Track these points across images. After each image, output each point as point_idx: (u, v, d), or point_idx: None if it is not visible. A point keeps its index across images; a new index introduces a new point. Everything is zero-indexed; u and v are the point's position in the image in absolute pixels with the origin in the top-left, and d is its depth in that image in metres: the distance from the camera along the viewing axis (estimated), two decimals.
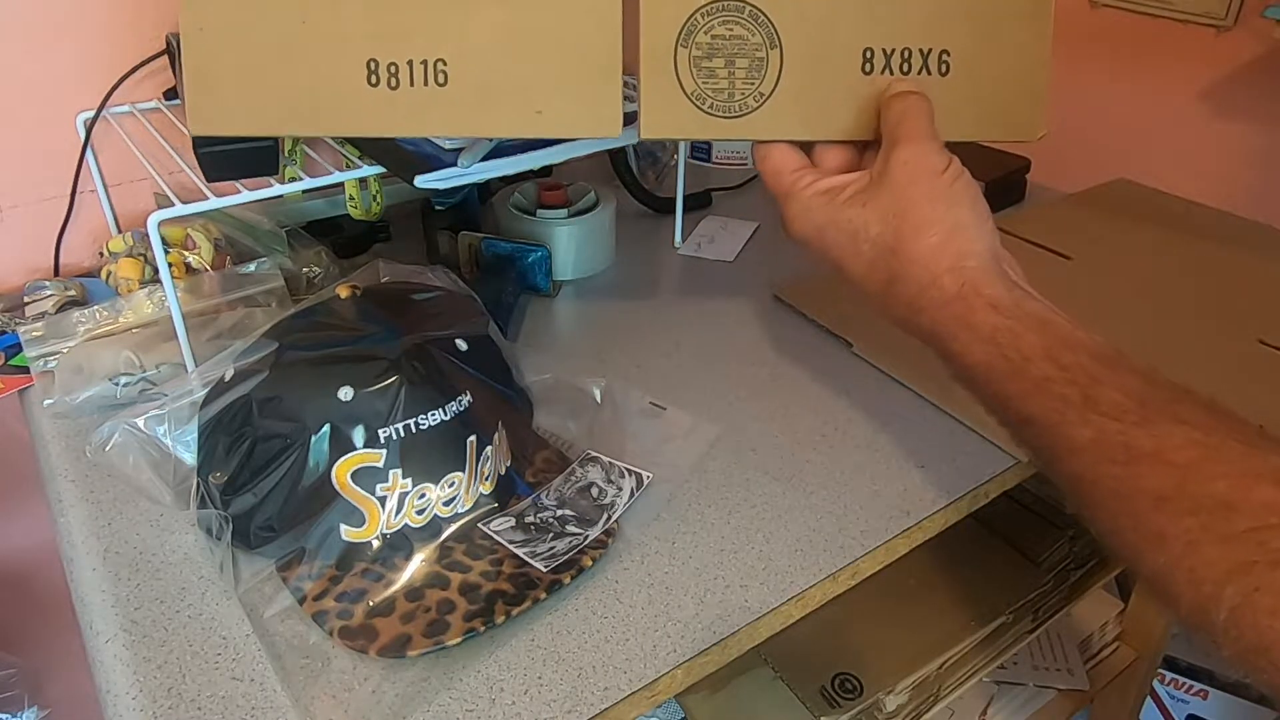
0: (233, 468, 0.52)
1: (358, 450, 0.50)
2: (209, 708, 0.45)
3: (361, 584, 0.50)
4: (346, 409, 0.50)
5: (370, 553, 0.51)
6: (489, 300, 0.74)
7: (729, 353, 0.73)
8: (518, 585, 0.50)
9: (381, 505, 0.51)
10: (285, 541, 0.51)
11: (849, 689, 0.73)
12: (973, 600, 0.79)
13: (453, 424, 0.52)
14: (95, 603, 0.51)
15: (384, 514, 0.51)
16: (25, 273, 0.81)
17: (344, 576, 0.50)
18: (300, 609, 0.49)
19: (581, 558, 0.52)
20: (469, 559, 0.51)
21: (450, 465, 0.52)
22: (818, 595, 0.53)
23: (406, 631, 0.47)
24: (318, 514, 0.50)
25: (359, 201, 0.77)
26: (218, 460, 0.53)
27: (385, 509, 0.51)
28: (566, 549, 0.52)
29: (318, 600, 0.49)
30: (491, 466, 0.54)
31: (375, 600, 0.49)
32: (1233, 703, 1.15)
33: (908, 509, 0.57)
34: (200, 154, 0.63)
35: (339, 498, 0.50)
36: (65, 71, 0.77)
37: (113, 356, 0.65)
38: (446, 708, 0.45)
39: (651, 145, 1.01)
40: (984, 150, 0.99)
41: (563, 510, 0.54)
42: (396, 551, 0.51)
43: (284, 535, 0.51)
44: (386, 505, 0.51)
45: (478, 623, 0.47)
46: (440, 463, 0.52)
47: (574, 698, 0.45)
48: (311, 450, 0.50)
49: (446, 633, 0.47)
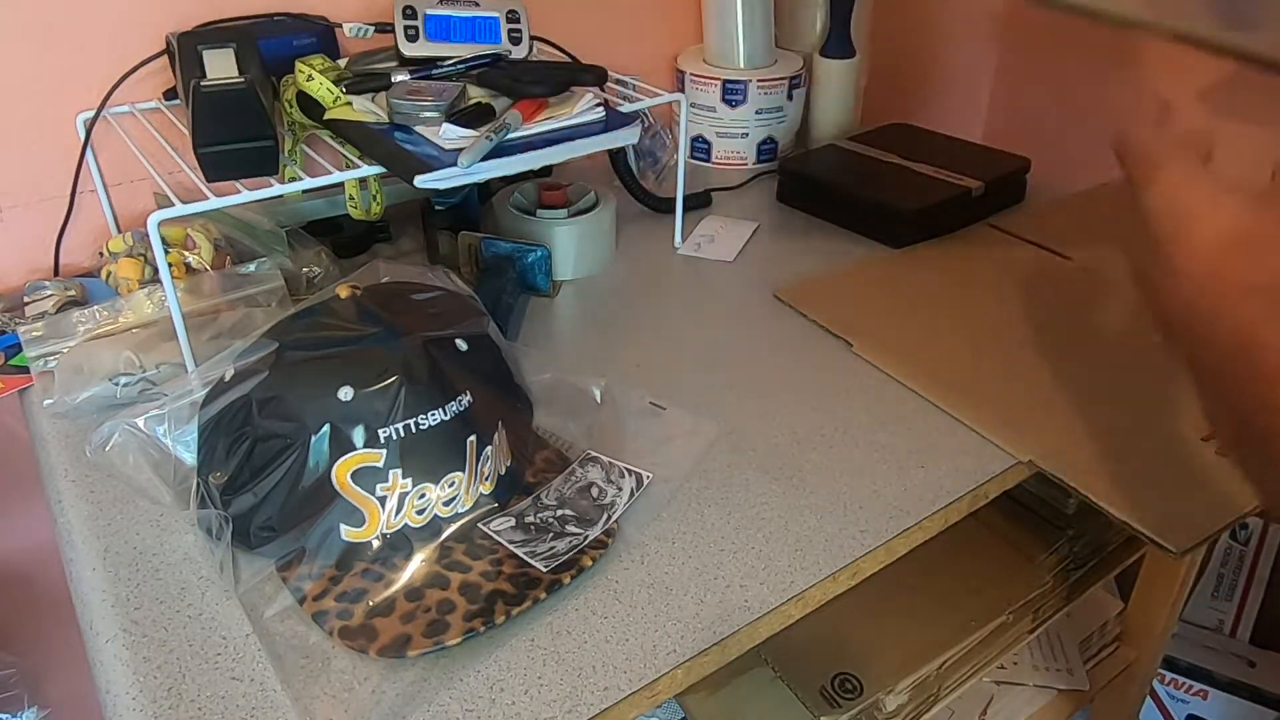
0: (233, 468, 0.52)
1: (358, 450, 0.50)
2: (209, 708, 0.45)
3: (361, 584, 0.50)
4: (346, 409, 0.50)
5: (370, 553, 0.51)
6: (489, 300, 0.74)
7: (729, 353, 0.73)
8: (518, 585, 0.50)
9: (381, 505, 0.51)
10: (285, 541, 0.51)
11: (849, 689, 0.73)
12: (973, 600, 0.79)
13: (453, 424, 0.52)
14: (95, 603, 0.51)
15: (384, 514, 0.51)
16: (25, 273, 0.81)
17: (344, 576, 0.50)
18: (300, 609, 0.49)
19: (581, 558, 0.52)
20: (469, 559, 0.51)
21: (450, 465, 0.52)
22: (818, 595, 0.53)
23: (406, 631, 0.47)
24: (318, 514, 0.50)
25: (359, 201, 0.77)
26: (217, 460, 0.53)
27: (385, 509, 0.51)
28: (567, 549, 0.52)
29: (318, 600, 0.49)
30: (491, 466, 0.54)
31: (375, 600, 0.49)
32: (1233, 703, 1.15)
33: (908, 509, 0.57)
34: (200, 154, 0.63)
35: (339, 498, 0.50)
36: (65, 71, 0.77)
37: (113, 356, 0.65)
38: (446, 708, 0.45)
39: (651, 145, 1.01)
40: (984, 150, 0.99)
41: (563, 510, 0.54)
42: (396, 551, 0.51)
43: (284, 535, 0.51)
44: (386, 505, 0.51)
45: (477, 623, 0.47)
46: (440, 463, 0.52)
47: (574, 698, 0.46)
48: (311, 450, 0.50)
49: (446, 633, 0.47)
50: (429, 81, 0.74)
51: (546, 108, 0.73)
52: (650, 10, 1.10)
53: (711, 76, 1.04)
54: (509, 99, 0.74)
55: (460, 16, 0.79)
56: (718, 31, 1.05)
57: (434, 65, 0.77)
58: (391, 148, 0.68)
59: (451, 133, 0.68)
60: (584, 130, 0.72)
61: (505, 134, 0.68)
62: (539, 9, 0.85)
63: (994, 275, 0.83)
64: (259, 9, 0.82)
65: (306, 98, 0.73)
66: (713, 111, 1.06)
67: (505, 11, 0.81)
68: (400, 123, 0.71)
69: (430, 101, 0.70)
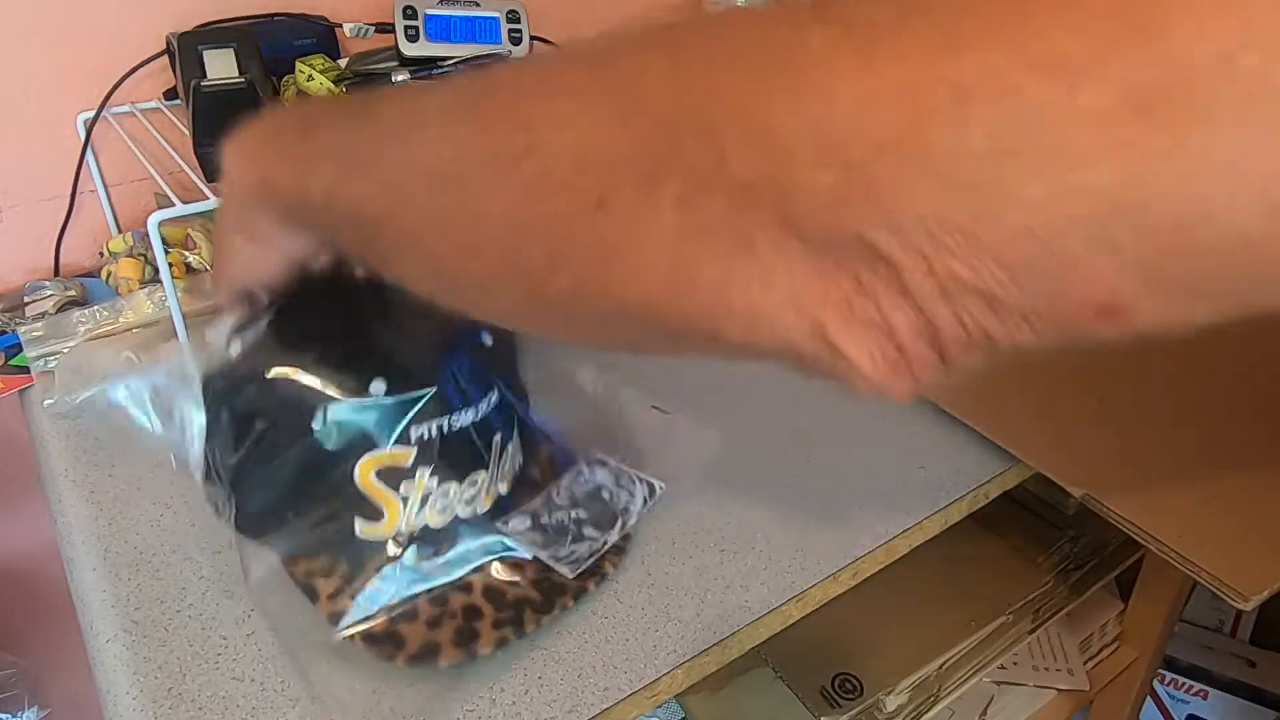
0: (243, 449, 0.49)
1: (385, 449, 0.47)
2: (209, 708, 0.45)
3: (378, 585, 0.48)
4: (378, 405, 0.47)
5: (386, 551, 0.49)
6: None
7: None
8: (544, 592, 0.49)
9: (403, 504, 0.48)
10: (293, 532, 0.49)
11: (849, 689, 0.72)
12: (973, 600, 0.79)
13: (482, 422, 0.50)
14: (95, 603, 0.51)
15: (405, 512, 0.48)
16: (25, 273, 0.81)
17: (357, 576, 0.48)
18: (314, 607, 0.48)
19: (603, 564, 0.51)
20: (490, 561, 0.50)
21: (476, 464, 0.50)
22: (818, 595, 0.53)
23: (435, 639, 0.46)
24: (332, 507, 0.48)
25: None
26: (223, 437, 0.49)
27: (406, 507, 0.48)
28: (587, 553, 0.51)
29: (333, 599, 0.47)
30: (510, 465, 0.52)
31: (396, 603, 0.47)
32: (1233, 703, 1.15)
33: (908, 509, 0.57)
34: (200, 154, 0.63)
35: (358, 492, 0.48)
36: (65, 71, 0.77)
37: (113, 356, 0.65)
38: (446, 708, 0.45)
39: None
40: None
41: (575, 510, 0.53)
42: (416, 551, 0.49)
43: (292, 525, 0.49)
44: (409, 504, 0.48)
45: (509, 632, 0.46)
46: (468, 461, 0.49)
47: (574, 698, 0.45)
48: (333, 442, 0.47)
49: (477, 641, 0.46)
50: (429, 81, 0.74)
51: None
52: (650, 10, 1.10)
53: None
54: None
55: (460, 16, 0.79)
56: None
57: (434, 65, 0.77)
58: None
59: None
60: None
61: None
62: (539, 9, 0.85)
63: None
64: (259, 9, 0.82)
65: (307, 98, 0.73)
66: None
67: (505, 11, 0.81)
68: None
69: None
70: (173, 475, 0.59)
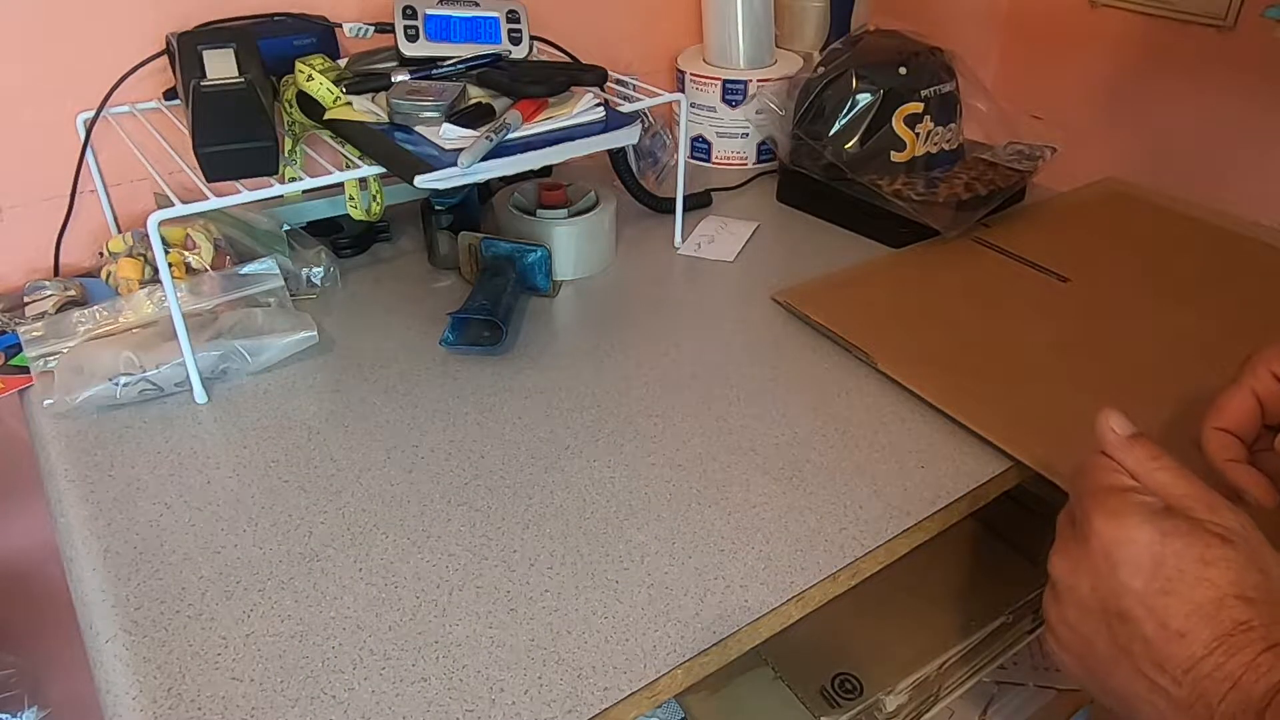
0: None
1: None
2: (209, 708, 0.45)
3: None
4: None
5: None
6: (489, 300, 0.74)
7: (729, 353, 0.73)
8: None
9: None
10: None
11: (849, 689, 0.72)
12: (973, 600, 0.79)
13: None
14: (95, 603, 0.51)
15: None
16: (25, 273, 0.81)
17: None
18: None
19: None
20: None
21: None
22: (818, 595, 0.53)
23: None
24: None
25: (359, 201, 0.77)
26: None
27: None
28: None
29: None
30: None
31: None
32: None
33: (908, 509, 0.57)
34: (200, 154, 0.63)
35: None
36: (65, 71, 0.77)
37: (113, 356, 0.65)
38: (446, 708, 0.45)
39: (651, 145, 1.01)
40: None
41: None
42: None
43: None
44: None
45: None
46: None
47: (574, 698, 0.45)
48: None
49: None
50: (429, 81, 0.74)
51: (546, 108, 0.73)
52: (650, 10, 1.10)
53: (711, 76, 1.04)
54: (509, 99, 0.74)
55: (460, 16, 0.79)
56: (718, 31, 1.05)
57: (434, 65, 0.77)
58: (391, 148, 0.68)
59: (451, 133, 0.68)
60: (584, 130, 0.72)
61: (505, 134, 0.68)
62: (539, 9, 0.85)
63: (994, 274, 0.83)
64: (259, 9, 0.82)
65: (306, 98, 0.73)
66: (713, 111, 1.06)
67: (505, 11, 0.81)
68: (400, 123, 0.71)
69: (430, 101, 0.70)
70: (173, 475, 0.59)
